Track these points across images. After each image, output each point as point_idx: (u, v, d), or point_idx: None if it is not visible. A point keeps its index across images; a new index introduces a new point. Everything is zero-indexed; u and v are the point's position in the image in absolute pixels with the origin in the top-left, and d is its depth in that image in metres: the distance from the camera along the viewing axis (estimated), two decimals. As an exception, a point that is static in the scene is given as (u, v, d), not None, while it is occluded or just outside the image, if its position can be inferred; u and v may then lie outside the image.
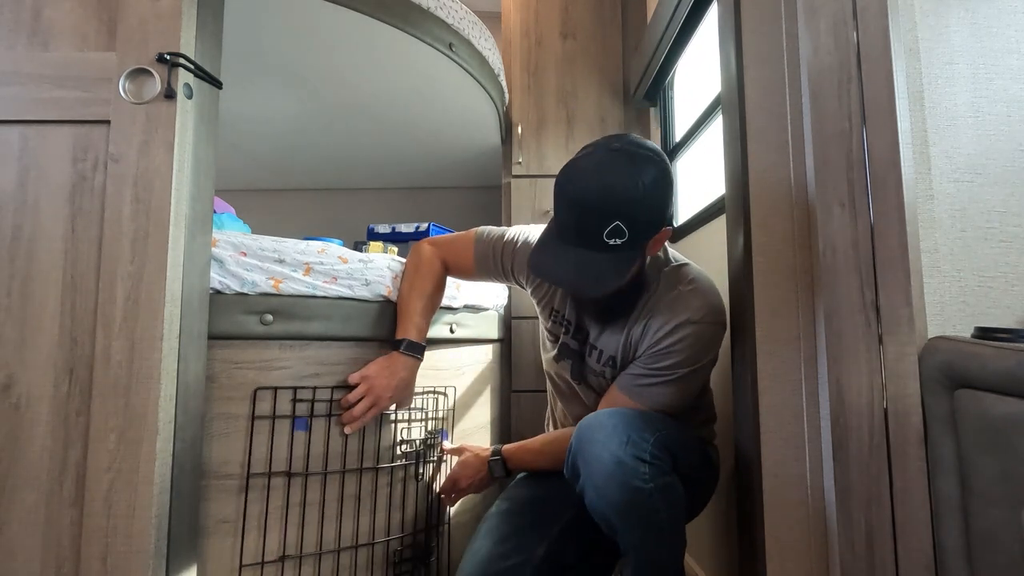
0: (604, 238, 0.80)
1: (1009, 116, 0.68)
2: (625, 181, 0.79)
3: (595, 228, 0.80)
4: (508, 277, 1.09)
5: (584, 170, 0.82)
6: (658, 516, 0.80)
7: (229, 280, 0.89)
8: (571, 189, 0.82)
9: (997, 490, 0.53)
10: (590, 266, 0.81)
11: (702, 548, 1.31)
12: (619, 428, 0.82)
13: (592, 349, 1.01)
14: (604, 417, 0.86)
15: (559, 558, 0.95)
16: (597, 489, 0.81)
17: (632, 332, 0.96)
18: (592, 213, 0.80)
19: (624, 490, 0.79)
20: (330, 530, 0.96)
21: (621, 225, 0.79)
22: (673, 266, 0.98)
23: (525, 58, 1.96)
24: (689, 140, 1.59)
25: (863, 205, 0.67)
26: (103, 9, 0.80)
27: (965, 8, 0.70)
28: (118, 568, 0.72)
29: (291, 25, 1.18)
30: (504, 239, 1.07)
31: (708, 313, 0.92)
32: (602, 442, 0.81)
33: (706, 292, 0.94)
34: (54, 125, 0.78)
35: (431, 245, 1.10)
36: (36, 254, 0.76)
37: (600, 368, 1.01)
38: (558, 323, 1.06)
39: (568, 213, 0.82)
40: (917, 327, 0.63)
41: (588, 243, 0.81)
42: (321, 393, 0.96)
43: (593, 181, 0.80)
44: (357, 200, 2.57)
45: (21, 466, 0.74)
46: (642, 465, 0.80)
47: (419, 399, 1.12)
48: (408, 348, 1.00)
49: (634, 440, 0.81)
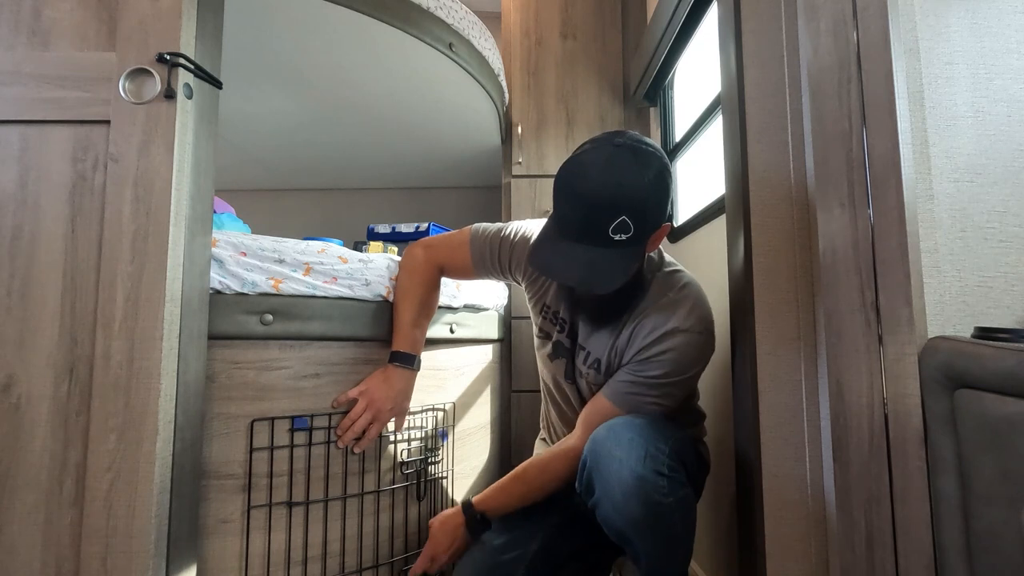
0: (610, 233, 0.79)
1: (1009, 116, 0.68)
2: (633, 177, 0.79)
3: (602, 224, 0.79)
4: (505, 273, 1.08)
5: (592, 165, 0.81)
6: (675, 529, 0.81)
7: (229, 280, 0.89)
8: (578, 184, 0.81)
9: (997, 490, 0.53)
10: (598, 262, 0.81)
11: (702, 548, 1.31)
12: (636, 442, 0.82)
13: (580, 349, 1.01)
14: (620, 430, 0.85)
15: (553, 553, 0.95)
16: (615, 505, 0.80)
17: (620, 337, 0.95)
18: (601, 209, 0.79)
19: (646, 506, 0.78)
20: (334, 545, 0.96)
21: (628, 220, 0.79)
22: (665, 271, 0.98)
23: (525, 58, 1.96)
24: (689, 140, 1.59)
25: (863, 205, 0.67)
26: (103, 9, 0.80)
27: (965, 8, 0.70)
28: (118, 568, 0.72)
29: (291, 25, 1.18)
30: (501, 235, 1.06)
31: (697, 322, 0.91)
32: (620, 458, 0.80)
33: (696, 301, 0.93)
34: (54, 125, 0.78)
35: (424, 248, 1.07)
36: (36, 254, 0.76)
37: (586, 370, 1.00)
38: (549, 320, 1.05)
39: (574, 209, 0.81)
40: (917, 327, 0.63)
41: (593, 239, 0.80)
42: (319, 420, 0.96)
43: (602, 177, 0.79)
44: (357, 200, 2.57)
45: (21, 466, 0.73)
46: (661, 479, 0.79)
47: (418, 418, 1.11)
48: (401, 360, 1.00)
49: (652, 454, 0.81)
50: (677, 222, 1.66)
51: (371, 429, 0.97)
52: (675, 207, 1.72)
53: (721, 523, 1.17)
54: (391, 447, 1.05)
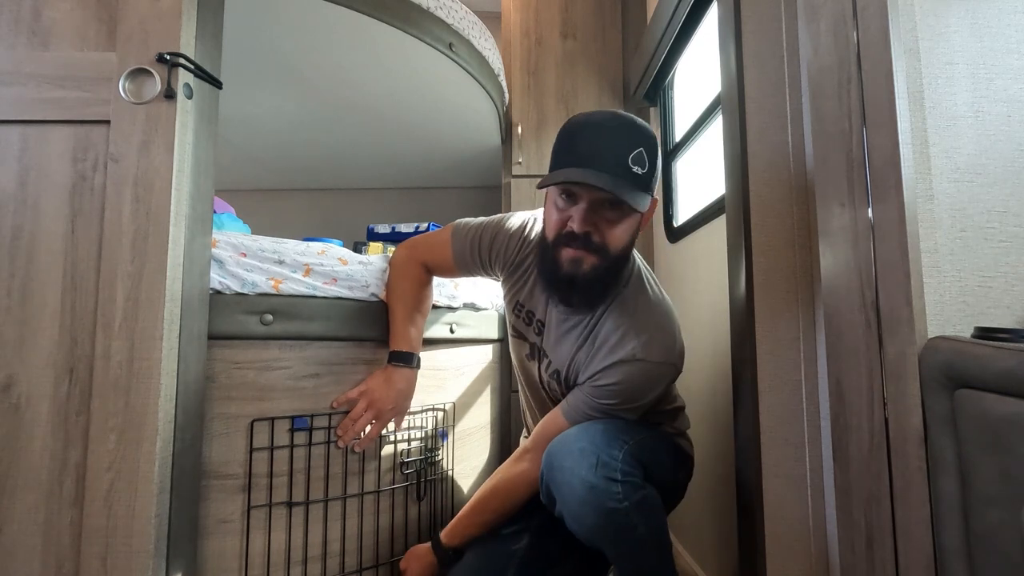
0: (630, 163, 0.79)
1: (1009, 116, 0.68)
2: (642, 123, 0.84)
3: (621, 151, 0.80)
4: (486, 268, 1.05)
5: (600, 113, 0.85)
6: (636, 532, 0.79)
7: (229, 280, 0.89)
8: (594, 118, 0.83)
9: (997, 490, 0.53)
10: (621, 184, 0.79)
11: (702, 548, 1.31)
12: (587, 451, 0.81)
13: (543, 356, 1.00)
14: (571, 440, 0.84)
15: (543, 551, 0.95)
16: (573, 515, 0.80)
17: (580, 352, 0.94)
18: (618, 135, 0.81)
19: (599, 514, 0.77)
20: (334, 544, 0.96)
21: (644, 154, 0.80)
22: (638, 284, 0.94)
23: (525, 58, 1.96)
24: (689, 140, 1.59)
25: (863, 205, 0.67)
26: (103, 9, 0.80)
27: (965, 8, 0.70)
28: (118, 568, 0.72)
29: (291, 25, 1.18)
30: (481, 228, 1.04)
31: (654, 353, 0.88)
32: (570, 468, 0.80)
33: (660, 328, 0.90)
34: (54, 125, 0.78)
35: (408, 248, 1.07)
36: (36, 254, 0.76)
37: (547, 379, 1.00)
38: (522, 319, 1.03)
39: (591, 140, 0.81)
40: (917, 327, 0.63)
41: (612, 167, 0.79)
42: (319, 420, 0.96)
43: (610, 115, 0.84)
44: (357, 200, 2.57)
45: (21, 466, 0.73)
46: (614, 485, 0.78)
47: (418, 418, 1.11)
48: (399, 359, 0.99)
49: (603, 460, 0.79)
50: (677, 222, 1.66)
51: (372, 429, 0.97)
52: (675, 207, 1.72)
53: (721, 523, 1.17)
54: (391, 447, 1.05)
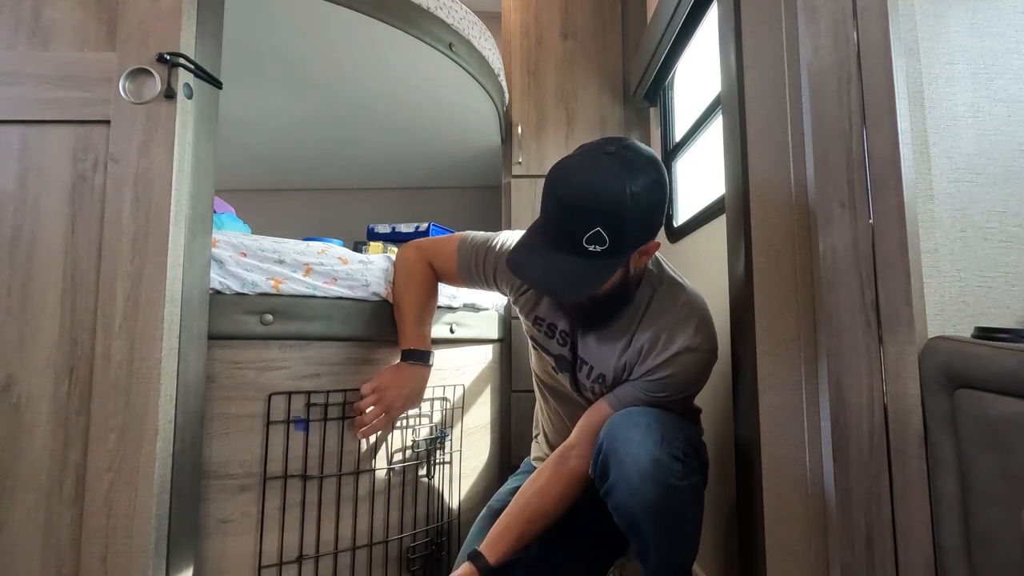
0: (584, 243, 0.77)
1: (1009, 116, 0.68)
2: (613, 186, 0.76)
3: (576, 231, 0.77)
4: (490, 284, 1.06)
5: (576, 171, 0.79)
6: (687, 516, 0.82)
7: (229, 280, 0.89)
8: (559, 189, 0.79)
9: (997, 490, 0.53)
10: (564, 269, 0.78)
11: (702, 548, 1.31)
12: (653, 427, 0.82)
13: (582, 364, 0.99)
14: (636, 416, 0.85)
15: (550, 556, 0.95)
16: (631, 488, 0.80)
17: (629, 351, 0.94)
18: (574, 215, 0.77)
19: (660, 487, 0.79)
20: (346, 528, 0.97)
21: (602, 232, 0.76)
22: (668, 286, 0.96)
23: (525, 58, 1.96)
24: (689, 140, 1.59)
25: (863, 205, 0.67)
26: (103, 9, 0.80)
27: (965, 8, 0.70)
28: (118, 568, 0.72)
29: (291, 25, 1.18)
30: (487, 245, 1.04)
31: (704, 340, 0.91)
32: (638, 440, 0.81)
33: (702, 317, 0.92)
34: (54, 125, 0.78)
35: (416, 249, 1.07)
36: (36, 254, 0.76)
37: (589, 384, 0.99)
38: (544, 332, 1.04)
39: (552, 213, 0.81)
40: (917, 327, 0.63)
41: (567, 246, 0.78)
42: (334, 397, 0.97)
43: (579, 180, 0.78)
44: (357, 200, 2.57)
45: (21, 466, 0.74)
46: (676, 463, 0.80)
47: (427, 404, 1.11)
48: (413, 357, 1.00)
49: (668, 438, 0.82)
50: (677, 222, 1.66)
51: (379, 422, 0.98)
52: (675, 207, 1.72)
53: (721, 523, 1.17)
54: (399, 434, 1.06)
